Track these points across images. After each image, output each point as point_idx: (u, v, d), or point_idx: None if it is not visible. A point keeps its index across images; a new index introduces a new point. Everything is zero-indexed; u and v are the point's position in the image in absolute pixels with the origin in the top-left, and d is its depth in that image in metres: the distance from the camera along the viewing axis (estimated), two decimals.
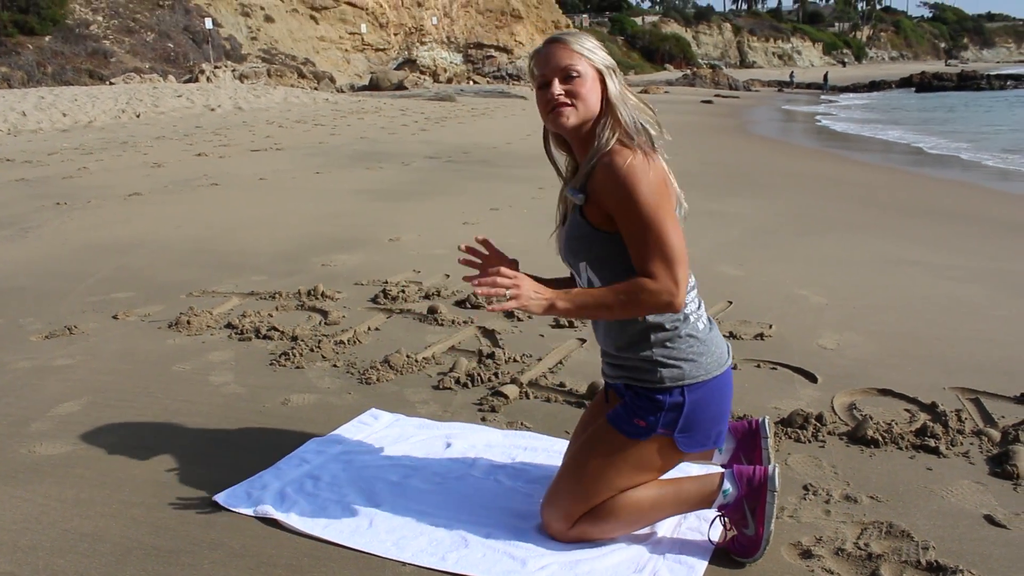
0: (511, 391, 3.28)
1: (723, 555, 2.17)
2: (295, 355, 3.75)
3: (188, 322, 4.26)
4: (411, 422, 3.06)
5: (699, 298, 2.20)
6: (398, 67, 43.01)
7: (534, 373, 3.52)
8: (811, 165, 13.20)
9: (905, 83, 53.34)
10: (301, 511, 2.38)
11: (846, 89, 50.86)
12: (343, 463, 2.70)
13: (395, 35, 45.89)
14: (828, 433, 2.91)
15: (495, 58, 49.77)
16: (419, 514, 2.36)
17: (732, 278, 5.08)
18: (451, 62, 47.55)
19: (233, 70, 31.56)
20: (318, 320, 4.36)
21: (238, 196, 8.77)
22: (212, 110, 22.06)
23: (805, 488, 2.53)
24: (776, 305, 4.57)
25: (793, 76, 58.59)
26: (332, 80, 36.11)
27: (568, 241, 2.18)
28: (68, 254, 6.06)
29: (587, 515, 2.16)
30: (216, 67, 31.46)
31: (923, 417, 3.05)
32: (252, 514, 2.38)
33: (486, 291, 1.94)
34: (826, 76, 55.30)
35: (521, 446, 2.83)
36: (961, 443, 2.84)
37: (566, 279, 2.33)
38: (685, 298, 2.03)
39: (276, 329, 4.12)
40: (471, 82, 44.55)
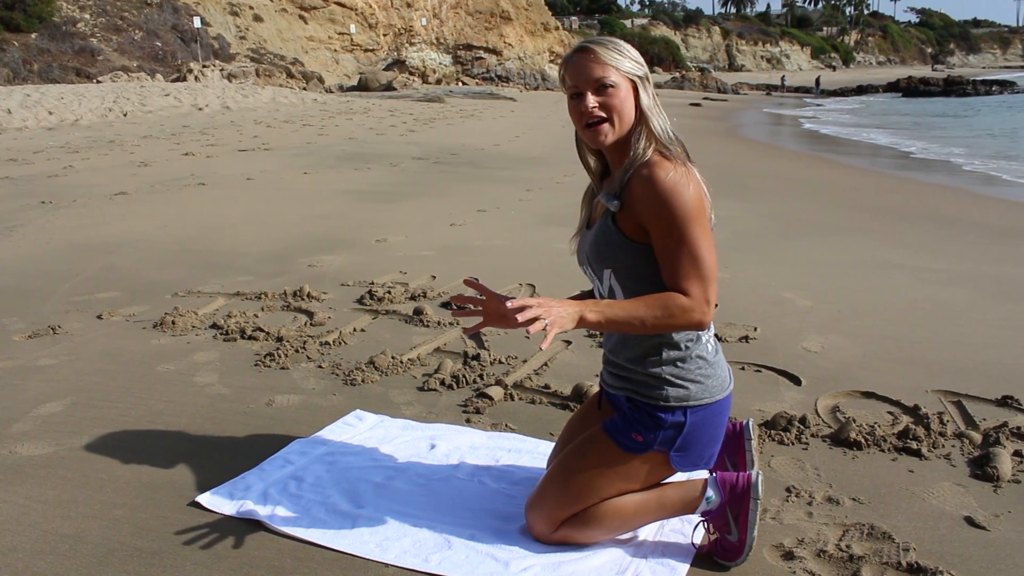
0: (496, 393, 3.28)
1: (705, 557, 2.18)
2: (280, 356, 3.74)
3: (173, 322, 4.25)
4: (396, 423, 3.05)
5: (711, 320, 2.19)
6: (387, 68, 42.96)
7: (519, 375, 3.52)
8: (797, 168, 13.27)
9: (892, 88, 53.72)
10: (284, 512, 2.37)
11: (834, 93, 51.10)
12: (327, 464, 2.70)
13: (384, 36, 45.82)
14: (811, 435, 2.93)
15: (484, 59, 49.75)
16: (403, 515, 2.36)
17: (717, 281, 5.10)
18: (440, 63, 47.50)
19: (221, 69, 31.44)
20: (304, 321, 4.35)
21: (225, 196, 8.74)
22: (200, 109, 21.98)
23: (788, 490, 2.54)
24: (761, 308, 4.59)
25: (785, 80, 58.78)
26: (321, 80, 36.02)
27: (595, 247, 2.13)
28: (52, 253, 6.02)
29: (571, 520, 2.16)
30: (204, 66, 31.33)
31: (905, 419, 3.07)
32: (235, 515, 2.37)
33: (536, 327, 1.81)
34: (818, 80, 55.29)
35: (505, 448, 2.83)
36: (943, 445, 2.86)
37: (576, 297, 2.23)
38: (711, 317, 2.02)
39: (261, 330, 4.11)
40: (460, 83, 44.58)
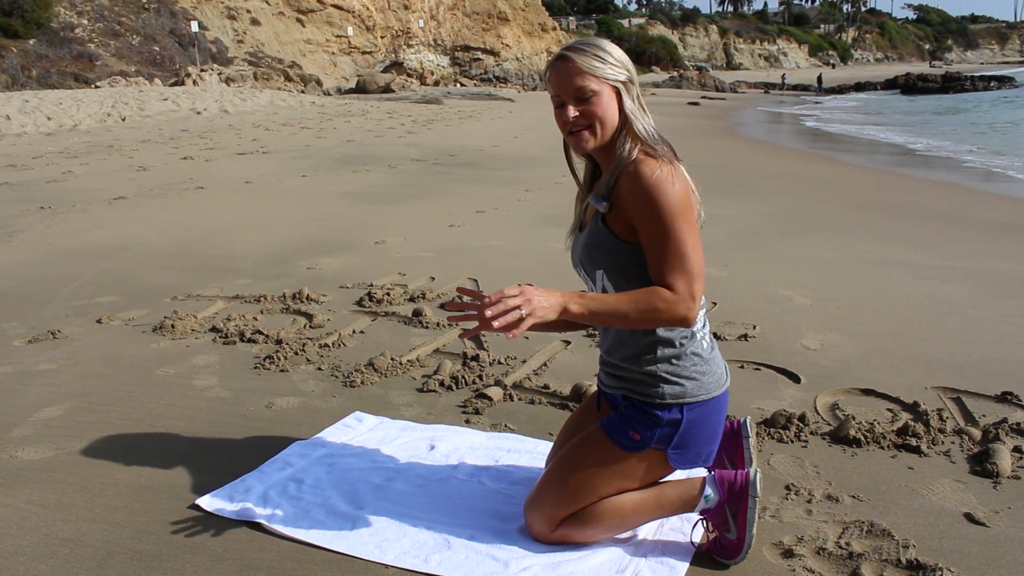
0: (495, 393, 3.29)
1: (705, 555, 2.19)
2: (280, 358, 3.75)
3: (172, 326, 4.25)
4: (395, 424, 3.06)
5: (705, 317, 2.20)
6: (385, 70, 42.99)
7: (518, 375, 3.53)
8: (795, 166, 13.27)
9: (890, 84, 53.66)
10: (284, 514, 2.38)
11: (832, 91, 51.09)
12: (327, 466, 2.70)
13: (382, 38, 45.83)
14: (811, 433, 2.93)
15: (482, 60, 49.78)
16: (402, 516, 2.36)
17: (716, 279, 5.11)
18: (438, 65, 47.54)
19: (219, 73, 31.46)
20: (303, 323, 4.35)
21: (224, 199, 8.74)
22: (198, 113, 21.99)
23: (787, 488, 2.54)
24: (760, 306, 4.59)
25: (785, 78, 58.70)
26: (319, 83, 36.05)
27: (587, 248, 2.15)
28: (52, 258, 6.03)
29: (569, 519, 2.16)
30: (202, 70, 31.34)
31: (905, 416, 3.08)
32: (235, 517, 2.37)
33: (503, 321, 1.81)
34: (820, 78, 55.00)
35: (505, 448, 2.83)
36: (942, 442, 2.86)
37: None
38: (699, 313, 2.03)
39: (261, 332, 4.11)
40: (458, 84, 44.62)
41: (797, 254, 6.04)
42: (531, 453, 2.79)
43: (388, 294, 4.80)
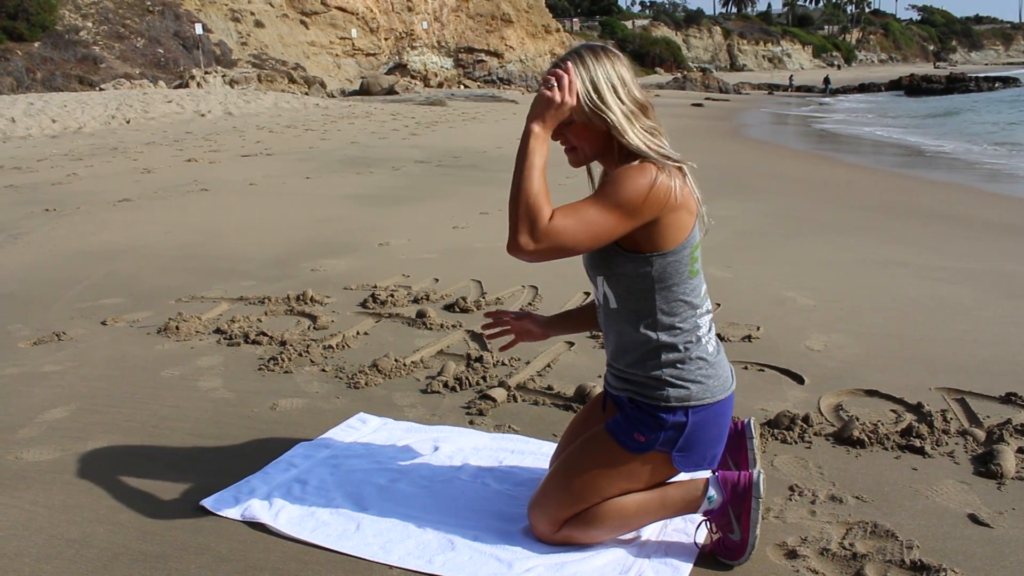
0: (499, 394, 3.29)
1: (708, 556, 2.19)
2: (284, 360, 3.75)
3: (177, 328, 4.26)
4: (399, 426, 3.06)
5: (711, 321, 2.20)
6: (389, 72, 43.04)
7: (522, 376, 3.53)
8: (798, 167, 13.26)
9: (894, 86, 53.53)
10: (288, 515, 2.38)
11: (836, 92, 50.98)
12: (331, 467, 2.71)
13: (386, 40, 45.90)
14: (814, 434, 2.93)
15: (486, 62, 49.80)
16: (406, 517, 2.37)
17: (720, 280, 5.11)
18: (442, 66, 47.56)
19: (223, 75, 31.51)
20: (307, 325, 4.36)
21: (228, 201, 8.76)
22: (202, 116, 22.03)
23: (791, 489, 2.54)
24: (764, 307, 4.59)
25: (793, 79, 58.52)
26: (323, 85, 36.09)
27: (590, 253, 2.16)
28: (57, 260, 6.05)
29: (573, 520, 2.16)
30: (206, 72, 31.40)
31: (909, 417, 3.07)
32: (240, 518, 2.38)
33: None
34: (827, 79, 54.50)
35: (508, 449, 2.83)
36: (946, 443, 2.85)
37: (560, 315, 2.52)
38: (525, 256, 1.98)
39: (265, 334, 4.12)
40: (462, 86, 44.63)
41: (801, 255, 6.03)
42: (535, 454, 2.79)
43: (392, 295, 4.80)
